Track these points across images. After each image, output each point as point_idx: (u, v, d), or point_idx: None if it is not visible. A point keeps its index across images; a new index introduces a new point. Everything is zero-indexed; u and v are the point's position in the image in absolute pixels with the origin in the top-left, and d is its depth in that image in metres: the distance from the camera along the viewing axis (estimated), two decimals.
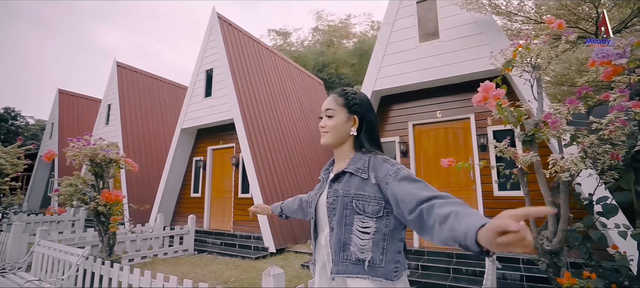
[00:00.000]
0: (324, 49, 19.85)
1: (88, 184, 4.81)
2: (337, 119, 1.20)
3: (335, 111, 1.21)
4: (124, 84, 10.80)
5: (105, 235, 4.81)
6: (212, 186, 8.58)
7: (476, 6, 4.77)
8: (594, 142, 1.71)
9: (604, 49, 1.79)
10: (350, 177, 1.14)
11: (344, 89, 1.26)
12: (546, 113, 1.92)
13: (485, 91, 1.65)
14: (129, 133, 10.32)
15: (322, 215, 1.22)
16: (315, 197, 1.28)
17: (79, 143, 4.56)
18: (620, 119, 1.56)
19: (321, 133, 1.24)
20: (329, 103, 1.23)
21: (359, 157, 1.17)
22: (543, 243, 1.93)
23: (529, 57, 2.06)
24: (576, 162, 1.62)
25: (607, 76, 1.84)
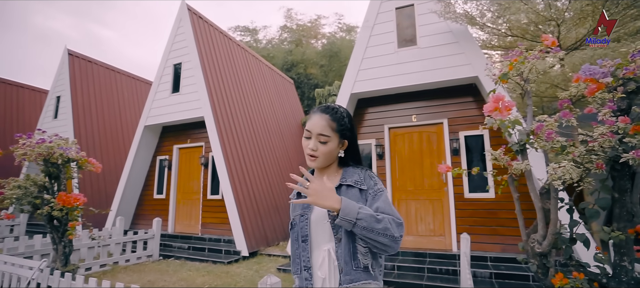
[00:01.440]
0: (293, 48, 19.69)
1: (39, 186, 4.30)
2: (331, 146, 1.18)
3: (330, 138, 1.17)
4: (76, 75, 9.84)
5: (60, 243, 4.35)
6: (178, 187, 8.12)
7: (453, 16, 4.99)
8: (583, 152, 1.85)
9: (591, 68, 1.94)
10: (347, 188, 1.17)
11: (335, 110, 1.21)
12: (538, 124, 2.04)
13: (497, 102, 1.70)
14: (81, 128, 9.43)
15: (318, 230, 1.17)
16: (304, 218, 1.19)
17: (30, 140, 4.06)
18: (609, 132, 1.70)
19: (309, 155, 1.18)
20: (323, 128, 1.16)
21: (353, 171, 1.23)
22: (534, 246, 2.05)
23: (522, 70, 2.17)
24: (571, 170, 1.73)
25: (590, 92, 2.00)
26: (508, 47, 5.44)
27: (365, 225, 1.01)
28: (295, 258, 1.21)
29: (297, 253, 1.20)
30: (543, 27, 4.65)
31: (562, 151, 1.95)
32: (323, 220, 1.16)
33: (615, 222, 1.95)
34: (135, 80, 12.08)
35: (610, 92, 1.97)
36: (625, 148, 1.77)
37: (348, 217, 1.01)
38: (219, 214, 7.34)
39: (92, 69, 10.48)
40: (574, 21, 4.52)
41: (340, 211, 1.02)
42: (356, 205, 1.05)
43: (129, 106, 11.33)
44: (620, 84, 1.90)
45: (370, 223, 1.02)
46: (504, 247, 4.97)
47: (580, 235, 1.95)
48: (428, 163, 5.75)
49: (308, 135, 1.19)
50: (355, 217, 1.02)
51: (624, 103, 1.88)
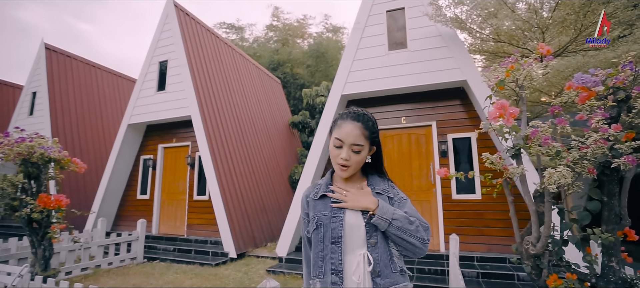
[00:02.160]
0: (279, 47, 19.57)
1: (16, 186, 4.09)
2: (363, 154, 1.18)
3: (363, 147, 1.16)
4: (54, 70, 9.42)
5: (40, 246, 4.15)
6: (163, 187, 7.91)
7: (443, 20, 5.09)
8: (576, 158, 1.92)
9: (583, 77, 2.02)
10: (377, 196, 1.18)
11: (366, 117, 1.20)
12: (532, 130, 2.11)
13: (501, 109, 1.75)
14: (59, 126, 9.04)
15: (353, 234, 1.14)
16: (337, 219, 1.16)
17: (8, 138, 3.85)
18: (602, 140, 1.78)
19: (340, 166, 1.16)
20: (357, 138, 1.14)
21: (379, 180, 1.26)
22: (528, 247, 2.12)
23: (517, 77, 2.24)
24: (567, 175, 1.80)
25: (582, 100, 2.08)
26: (495, 52, 5.60)
27: (399, 225, 1.06)
28: (318, 260, 1.15)
29: (321, 255, 1.14)
30: (528, 33, 4.82)
31: (557, 156, 2.02)
32: (358, 224, 1.14)
33: (604, 225, 2.04)
34: (117, 76, 11.68)
35: (601, 100, 2.06)
36: (615, 154, 1.85)
37: (385, 216, 1.07)
38: (205, 215, 7.20)
39: (71, 64, 10.06)
40: (557, 29, 4.70)
41: (378, 210, 1.08)
42: (391, 207, 1.11)
43: (110, 103, 10.94)
44: (610, 93, 1.99)
45: (404, 223, 1.07)
46: (489, 247, 5.12)
47: (572, 238, 2.03)
48: (417, 165, 5.84)
49: (339, 144, 1.16)
50: (391, 217, 1.07)
51: (614, 111, 1.97)
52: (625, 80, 1.90)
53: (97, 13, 76.26)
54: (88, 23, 73.84)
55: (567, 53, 5.17)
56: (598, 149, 1.80)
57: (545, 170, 2.04)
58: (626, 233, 1.90)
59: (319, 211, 1.20)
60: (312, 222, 1.20)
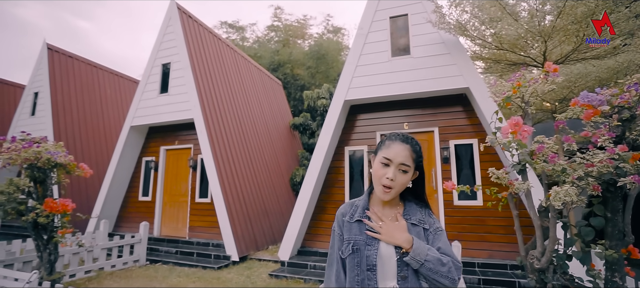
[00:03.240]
0: (280, 48, 19.57)
1: (22, 191, 4.11)
2: (409, 176, 1.18)
3: (410, 168, 1.17)
4: (56, 70, 9.42)
5: (45, 250, 4.18)
6: (165, 189, 7.93)
7: (446, 27, 5.13)
8: (581, 175, 1.96)
9: (589, 95, 2.06)
10: (412, 227, 1.19)
11: (414, 141, 1.22)
12: (538, 146, 2.15)
13: (514, 127, 1.79)
14: (61, 126, 9.04)
15: (384, 264, 1.15)
16: (372, 247, 1.17)
17: (15, 143, 3.87)
18: (609, 159, 1.82)
19: (384, 185, 1.15)
20: (406, 158, 1.16)
21: (416, 209, 1.25)
22: (533, 262, 2.16)
23: (523, 93, 2.28)
24: (572, 193, 1.84)
25: (587, 117, 2.12)
26: (497, 58, 5.64)
27: (431, 267, 1.07)
28: (354, 284, 1.16)
29: (358, 280, 1.15)
30: (531, 42, 4.86)
31: (562, 173, 2.06)
32: (390, 255, 1.15)
33: (608, 240, 2.08)
34: (118, 77, 11.69)
35: (606, 118, 2.10)
36: (620, 172, 1.89)
37: (418, 257, 1.08)
38: (207, 218, 7.23)
39: (73, 65, 10.06)
40: (559, 38, 4.74)
41: (412, 251, 1.08)
42: (426, 247, 1.11)
43: (111, 104, 10.95)
44: (615, 112, 2.03)
45: (436, 265, 1.08)
46: (491, 253, 5.16)
47: (576, 253, 2.07)
48: None
49: (387, 162, 1.16)
50: (424, 258, 1.08)
51: (619, 130, 2.01)
52: (630, 100, 1.94)
53: (96, 11, 75.97)
54: (87, 21, 73.56)
55: (569, 61, 5.21)
56: (604, 168, 1.84)
57: (551, 186, 2.08)
58: (630, 251, 1.94)
59: (354, 235, 1.21)
60: (347, 246, 1.20)
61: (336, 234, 1.28)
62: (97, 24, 74.72)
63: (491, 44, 4.94)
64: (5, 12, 63.25)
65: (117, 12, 78.62)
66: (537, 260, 2.13)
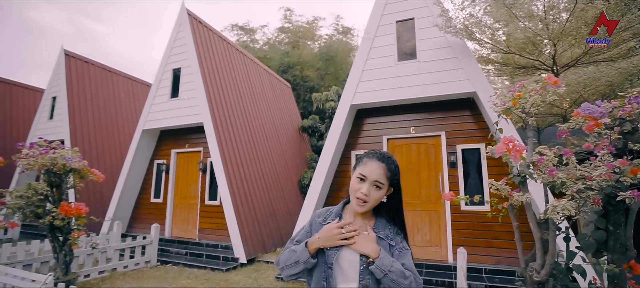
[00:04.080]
0: (290, 49, 19.69)
1: (40, 195, 4.29)
2: (382, 193, 1.25)
3: (384, 185, 1.23)
4: (72, 75, 9.75)
5: (61, 251, 4.35)
6: (176, 191, 8.11)
7: (453, 31, 5.09)
8: (581, 188, 1.95)
9: (590, 106, 2.04)
10: (379, 240, 1.24)
11: (390, 160, 1.28)
12: (538, 158, 2.14)
13: (508, 144, 1.80)
14: (77, 130, 9.35)
15: (346, 269, 1.22)
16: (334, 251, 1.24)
17: (32, 150, 4.05)
18: (608, 173, 1.81)
19: (359, 199, 1.23)
20: (380, 176, 1.22)
21: (385, 224, 1.31)
22: (532, 274, 2.15)
23: (523, 104, 2.27)
24: (570, 208, 1.83)
25: (589, 129, 2.10)
26: (505, 62, 5.57)
27: (394, 279, 1.13)
28: (320, 280, 1.23)
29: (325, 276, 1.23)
30: (539, 45, 4.78)
31: (562, 186, 2.05)
32: (354, 259, 1.21)
33: (610, 254, 2.06)
34: (132, 81, 12.00)
35: (608, 130, 2.08)
36: (621, 186, 1.87)
37: (383, 267, 1.14)
38: (216, 220, 7.36)
39: (89, 70, 10.39)
40: (569, 41, 4.66)
41: (378, 260, 1.14)
42: (391, 259, 1.17)
43: (125, 107, 11.25)
44: (617, 124, 2.00)
45: (398, 277, 1.14)
46: (498, 259, 5.11)
47: (577, 267, 2.05)
48: (425, 175, 5.86)
49: (362, 178, 1.23)
50: (388, 269, 1.14)
51: (620, 143, 1.99)
52: (632, 113, 1.92)
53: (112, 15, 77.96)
54: (104, 24, 75.58)
55: (580, 64, 5.11)
56: (603, 182, 1.82)
57: (560, 196, 2.07)
58: (632, 266, 1.92)
59: None
60: None
61: (304, 230, 1.37)
62: (113, 27, 76.59)
63: (499, 47, 4.88)
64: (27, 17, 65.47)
65: (133, 16, 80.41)
66: (536, 273, 2.13)
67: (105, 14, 79.64)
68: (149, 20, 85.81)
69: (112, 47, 77.15)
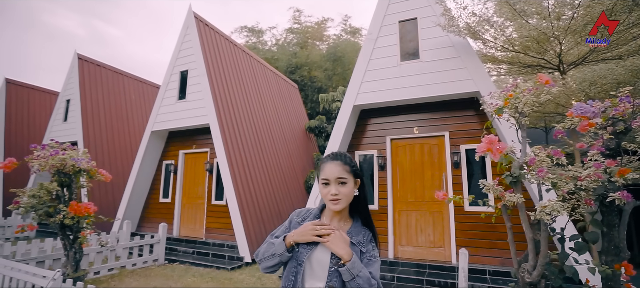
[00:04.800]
0: (298, 50, 19.79)
1: (52, 194, 4.46)
2: (350, 186, 1.29)
3: (347, 179, 1.28)
4: (85, 79, 10.05)
5: (71, 249, 4.51)
6: (183, 191, 8.27)
7: (456, 30, 5.06)
8: (572, 189, 1.93)
9: (583, 106, 2.02)
10: (351, 246, 1.26)
11: (344, 155, 1.34)
12: (531, 158, 2.13)
13: (489, 144, 1.80)
14: (90, 132, 9.63)
15: (315, 267, 1.26)
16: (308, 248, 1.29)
17: (44, 151, 4.22)
18: (597, 173, 1.79)
19: (333, 201, 1.27)
20: (341, 172, 1.28)
21: (360, 230, 1.34)
22: (524, 275, 2.14)
23: (516, 105, 2.26)
24: (558, 208, 1.82)
25: (582, 128, 2.08)
26: (510, 61, 5.50)
27: (360, 283, 1.16)
28: (289, 275, 1.29)
29: (294, 272, 1.28)
30: (545, 44, 4.71)
31: (554, 186, 2.04)
32: (324, 260, 1.25)
33: (604, 256, 2.04)
34: (143, 83, 12.27)
35: (602, 129, 2.06)
36: (613, 187, 1.85)
37: (353, 271, 1.17)
38: (222, 219, 7.48)
39: (101, 73, 10.68)
40: (575, 39, 4.57)
41: (349, 263, 1.17)
42: (361, 265, 1.20)
43: (136, 109, 11.52)
44: (610, 124, 1.98)
45: (364, 283, 1.17)
46: (502, 260, 5.04)
47: (569, 268, 2.04)
48: (429, 175, 5.82)
49: (326, 182, 1.28)
50: (357, 273, 1.17)
51: (613, 143, 1.96)
52: (625, 113, 1.89)
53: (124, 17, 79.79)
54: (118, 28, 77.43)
55: (587, 62, 5.00)
56: (593, 182, 1.80)
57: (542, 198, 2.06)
58: (624, 267, 1.89)
59: None
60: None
61: (284, 227, 1.42)
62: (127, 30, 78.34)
63: (502, 46, 4.82)
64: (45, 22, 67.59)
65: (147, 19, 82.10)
66: (528, 274, 2.12)
67: (120, 17, 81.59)
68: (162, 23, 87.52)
69: (126, 50, 78.99)
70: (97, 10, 77.05)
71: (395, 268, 5.44)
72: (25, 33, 71.57)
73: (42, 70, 69.55)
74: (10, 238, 8.61)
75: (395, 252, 5.85)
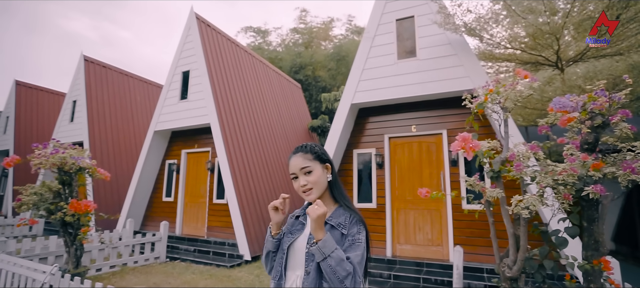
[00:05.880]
0: (302, 50, 19.86)
1: (54, 192, 4.59)
2: (317, 172, 1.28)
3: (311, 166, 1.27)
4: (91, 80, 10.26)
5: (72, 246, 4.62)
6: (186, 190, 8.39)
7: (452, 27, 5.04)
8: (550, 184, 1.93)
9: (561, 101, 2.01)
10: (331, 229, 1.24)
11: (305, 145, 1.34)
12: (511, 153, 2.12)
13: (464, 142, 1.81)
14: (95, 132, 9.83)
15: (297, 256, 1.27)
16: (291, 236, 1.31)
17: (45, 150, 4.34)
18: (573, 168, 1.78)
19: (304, 192, 1.27)
20: (302, 162, 1.27)
21: (342, 212, 1.30)
22: (504, 270, 2.13)
23: (498, 100, 2.26)
24: (534, 202, 1.82)
25: (563, 123, 2.07)
26: (508, 59, 5.45)
27: (332, 265, 1.10)
28: (277, 266, 1.32)
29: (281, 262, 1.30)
30: (541, 41, 4.66)
31: (533, 180, 2.03)
32: (302, 248, 1.27)
33: (584, 251, 2.03)
34: (148, 84, 12.47)
35: (581, 124, 2.04)
36: (589, 181, 1.84)
37: (324, 250, 1.12)
38: (224, 218, 7.56)
39: (107, 74, 10.90)
40: (572, 35, 4.52)
41: (320, 242, 1.13)
42: (334, 245, 1.14)
43: (141, 110, 11.71)
44: (589, 118, 1.97)
45: (337, 265, 1.10)
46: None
47: (548, 263, 2.03)
48: (427, 174, 5.81)
49: (294, 176, 1.29)
50: (328, 254, 1.11)
51: (592, 137, 1.95)
52: (603, 107, 1.88)
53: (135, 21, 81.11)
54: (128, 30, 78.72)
55: (586, 58, 4.94)
56: (568, 177, 1.80)
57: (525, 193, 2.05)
58: (602, 262, 1.88)
59: (286, 227, 1.39)
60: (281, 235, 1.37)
61: None
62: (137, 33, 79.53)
63: (499, 43, 4.79)
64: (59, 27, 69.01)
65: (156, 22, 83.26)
66: (508, 268, 2.11)
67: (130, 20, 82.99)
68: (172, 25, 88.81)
69: (136, 51, 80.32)
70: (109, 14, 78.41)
71: (393, 267, 5.44)
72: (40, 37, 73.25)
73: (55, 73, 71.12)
74: (18, 237, 8.84)
75: (394, 250, 5.84)
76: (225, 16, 66.79)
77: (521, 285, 2.08)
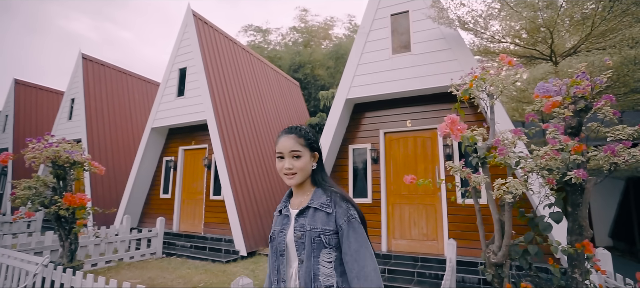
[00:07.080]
0: (301, 48, 19.86)
1: (48, 186, 4.60)
2: (305, 159, 1.25)
3: (301, 152, 1.24)
4: (89, 78, 10.28)
5: (67, 240, 4.63)
6: (183, 187, 8.40)
7: (446, 21, 5.04)
8: (534, 168, 1.93)
9: (545, 86, 2.01)
10: (314, 211, 1.22)
11: (298, 128, 1.30)
12: (496, 139, 2.12)
13: (451, 124, 1.81)
14: (94, 129, 9.86)
15: (291, 249, 1.25)
16: (282, 233, 1.28)
17: (39, 144, 4.35)
18: (554, 150, 1.78)
19: (287, 175, 1.25)
20: (294, 145, 1.24)
21: (321, 193, 1.27)
22: (490, 256, 2.13)
23: (484, 87, 2.26)
24: (517, 186, 1.82)
25: (548, 108, 2.07)
26: (501, 52, 5.44)
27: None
28: (273, 270, 1.28)
29: (275, 266, 1.27)
30: (535, 34, 4.66)
31: (517, 165, 2.03)
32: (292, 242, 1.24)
33: (568, 235, 2.02)
34: (146, 82, 12.49)
35: (564, 108, 2.04)
36: (572, 165, 1.84)
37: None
38: (220, 214, 7.57)
39: (105, 72, 10.92)
40: (566, 29, 4.51)
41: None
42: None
43: (139, 108, 11.73)
44: (572, 102, 1.97)
45: None
46: None
47: (532, 248, 2.03)
48: (422, 168, 5.80)
49: (281, 155, 1.25)
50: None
51: (575, 121, 1.95)
52: (586, 90, 1.88)
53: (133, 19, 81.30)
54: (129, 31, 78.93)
55: (580, 52, 4.93)
56: (550, 160, 1.80)
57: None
58: (585, 245, 1.88)
59: (274, 226, 1.34)
60: (270, 236, 1.33)
61: None
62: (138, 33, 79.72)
63: (493, 36, 4.78)
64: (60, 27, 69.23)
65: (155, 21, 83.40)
66: (493, 254, 2.11)
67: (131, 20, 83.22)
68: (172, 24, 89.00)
69: (137, 52, 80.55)
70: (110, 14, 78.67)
71: (388, 261, 5.44)
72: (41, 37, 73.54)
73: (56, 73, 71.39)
74: (16, 234, 8.86)
75: (389, 245, 5.84)
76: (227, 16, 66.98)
77: (506, 271, 2.08)
